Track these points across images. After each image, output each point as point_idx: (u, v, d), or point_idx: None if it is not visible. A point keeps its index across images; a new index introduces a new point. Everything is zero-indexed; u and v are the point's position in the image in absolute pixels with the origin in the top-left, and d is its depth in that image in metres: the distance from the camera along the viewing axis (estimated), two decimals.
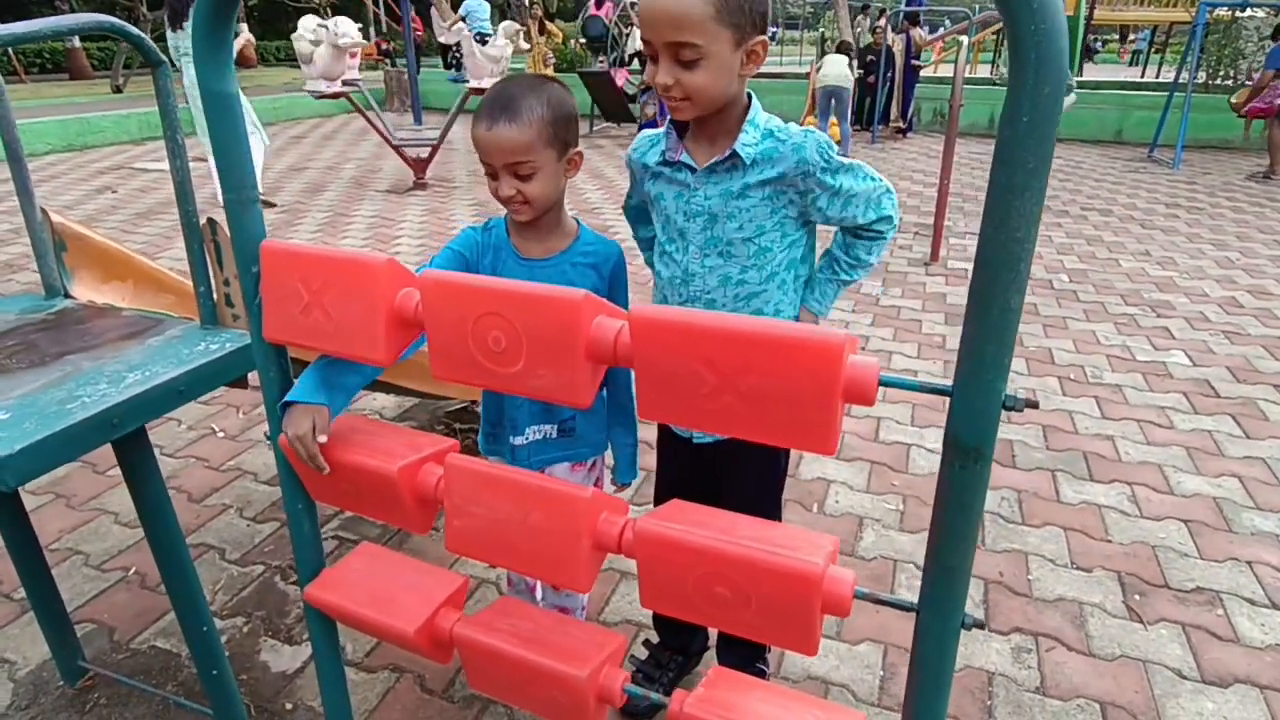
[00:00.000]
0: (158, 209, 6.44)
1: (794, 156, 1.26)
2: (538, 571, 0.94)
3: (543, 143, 1.28)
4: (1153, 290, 4.54)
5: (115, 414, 1.16)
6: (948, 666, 0.84)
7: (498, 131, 1.26)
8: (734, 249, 1.32)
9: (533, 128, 1.27)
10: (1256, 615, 1.98)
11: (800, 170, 1.26)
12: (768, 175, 1.27)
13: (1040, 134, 0.63)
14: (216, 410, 3.05)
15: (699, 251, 1.34)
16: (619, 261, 1.43)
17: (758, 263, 1.32)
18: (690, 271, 1.35)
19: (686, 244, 1.35)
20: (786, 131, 1.29)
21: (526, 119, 1.26)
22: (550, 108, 1.28)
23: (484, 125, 1.27)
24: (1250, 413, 3.05)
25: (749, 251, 1.32)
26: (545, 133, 1.28)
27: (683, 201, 1.33)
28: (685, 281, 1.36)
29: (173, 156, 1.35)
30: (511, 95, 1.28)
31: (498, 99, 1.28)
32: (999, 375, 0.71)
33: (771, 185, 1.28)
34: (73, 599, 1.99)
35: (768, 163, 1.27)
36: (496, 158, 1.28)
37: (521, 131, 1.26)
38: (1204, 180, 7.88)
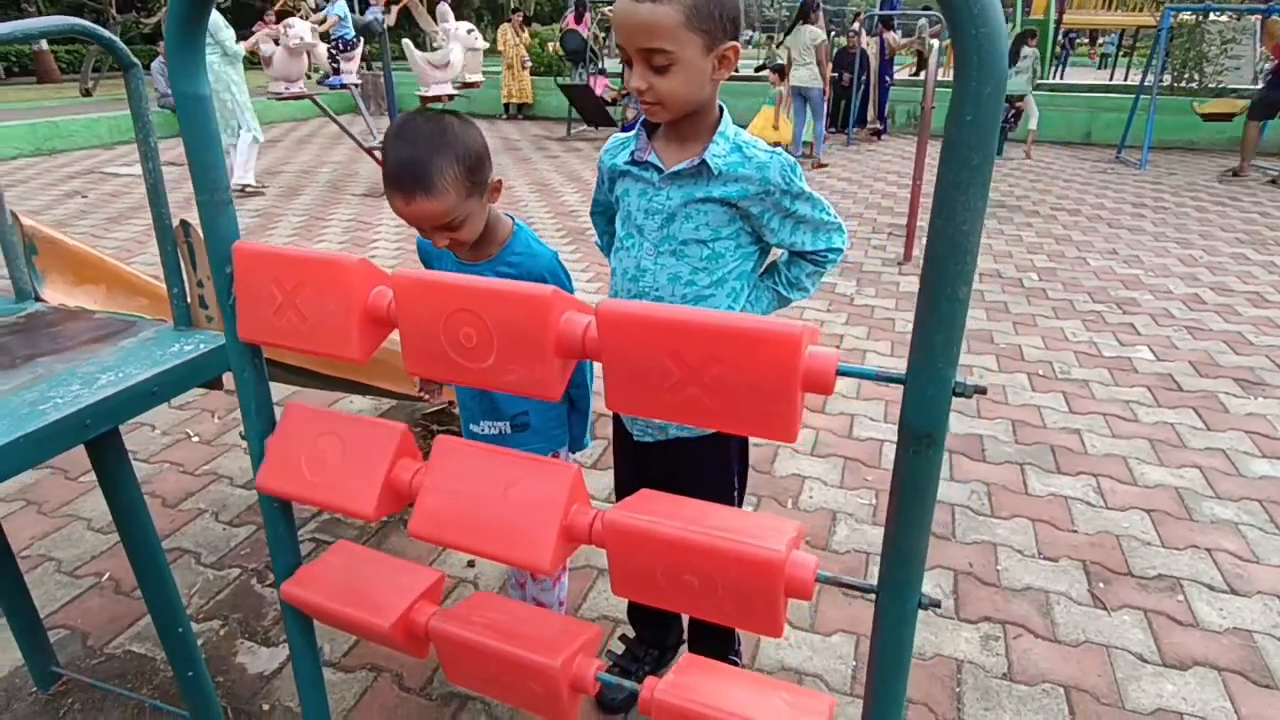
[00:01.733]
0: (129, 213, 6.36)
1: (758, 175, 1.28)
2: (505, 551, 0.96)
3: (461, 196, 1.30)
4: (1119, 288, 4.65)
5: (88, 415, 1.16)
6: (906, 645, 0.87)
7: (415, 207, 1.28)
8: (687, 249, 1.34)
9: (450, 192, 1.28)
10: (1215, 600, 2.04)
11: (762, 189, 1.29)
12: (730, 190, 1.29)
13: (983, 132, 0.66)
14: (191, 415, 3.03)
15: (653, 248, 1.36)
16: (541, 277, 1.43)
17: (708, 266, 1.34)
18: (642, 267, 1.37)
19: (642, 240, 1.37)
20: (754, 148, 1.31)
21: (441, 186, 1.27)
22: (459, 162, 1.28)
23: (400, 200, 1.28)
24: (1211, 405, 3.14)
25: (701, 254, 1.34)
26: (462, 189, 1.29)
27: (645, 199, 1.36)
28: (636, 277, 1.38)
29: (145, 159, 1.35)
30: (418, 163, 1.26)
31: (405, 169, 1.26)
32: (949, 363, 0.74)
33: (731, 203, 1.31)
34: (45, 605, 1.98)
35: (732, 177, 1.29)
36: (422, 224, 1.32)
37: (440, 199, 1.27)
38: (1169, 180, 8.06)
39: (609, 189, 1.46)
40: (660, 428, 1.48)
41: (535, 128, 11.94)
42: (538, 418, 1.56)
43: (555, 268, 1.49)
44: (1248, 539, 2.29)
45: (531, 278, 1.41)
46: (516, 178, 7.85)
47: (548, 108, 12.86)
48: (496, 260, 1.45)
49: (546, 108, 12.90)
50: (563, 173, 8.25)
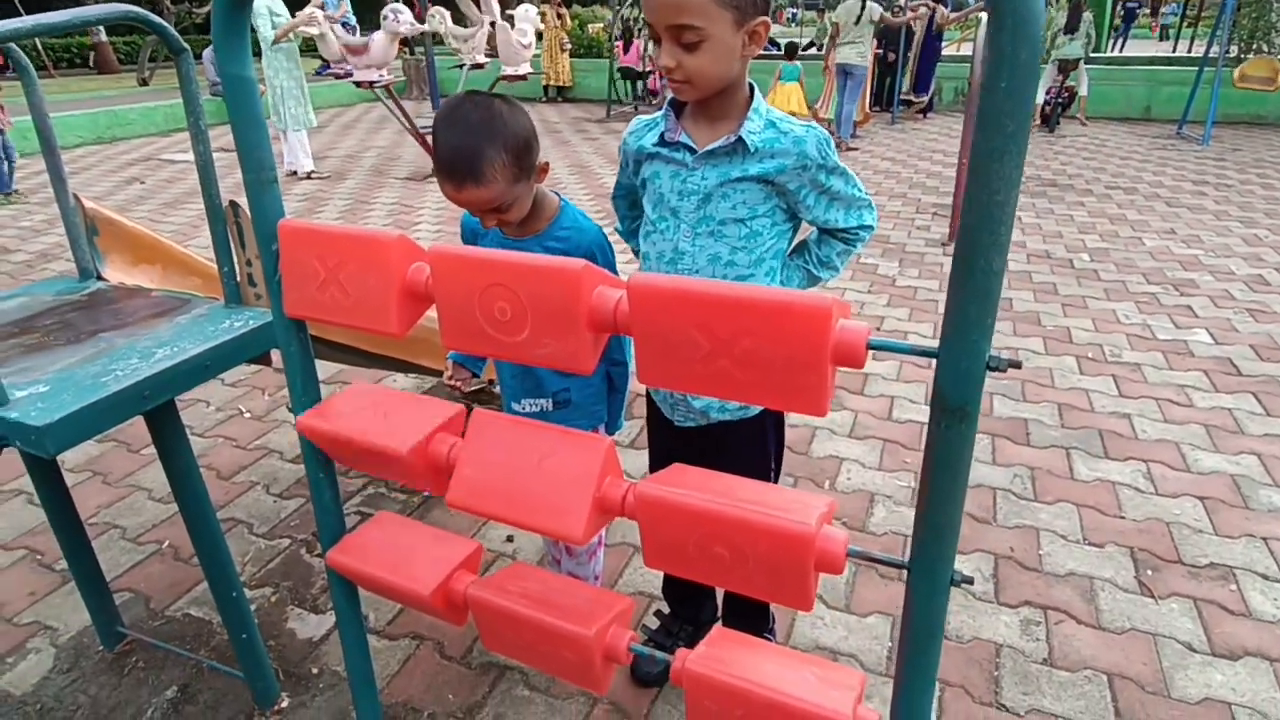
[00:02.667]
0: (184, 198, 6.57)
1: (795, 150, 1.27)
2: (538, 521, 0.98)
3: (510, 182, 1.33)
4: (1176, 268, 4.48)
5: (146, 387, 1.22)
6: (938, 622, 0.87)
7: (465, 195, 1.31)
8: (725, 229, 1.33)
9: (499, 180, 1.30)
10: (1270, 590, 1.98)
11: (799, 164, 1.28)
12: (767, 167, 1.28)
13: (1018, 98, 0.65)
14: (243, 393, 3.14)
15: (690, 230, 1.35)
16: (591, 253, 1.47)
17: (747, 245, 1.33)
18: (680, 250, 1.36)
19: (678, 222, 1.35)
20: (789, 124, 1.30)
21: (490, 175, 1.29)
22: (507, 150, 1.30)
23: (451, 188, 1.32)
24: (1273, 391, 3.02)
25: (740, 233, 1.33)
26: (510, 175, 1.32)
27: (678, 181, 1.34)
28: (674, 260, 1.37)
29: (196, 143, 1.40)
30: (469, 151, 1.28)
31: (457, 156, 1.29)
32: (983, 335, 0.73)
33: (769, 179, 1.29)
34: (110, 570, 2.08)
35: (768, 153, 1.28)
36: (472, 209, 1.37)
37: (490, 187, 1.30)
38: (1233, 157, 7.70)
39: (634, 172, 1.45)
40: (701, 411, 1.48)
41: (575, 110, 11.94)
42: (579, 394, 1.59)
43: (603, 242, 1.51)
44: None
45: (579, 252, 1.45)
46: (556, 160, 7.87)
47: (587, 89, 12.85)
48: (545, 235, 1.48)
49: (586, 89, 12.89)
50: (602, 155, 8.25)
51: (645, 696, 1.69)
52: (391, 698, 1.70)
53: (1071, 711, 1.64)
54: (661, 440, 1.62)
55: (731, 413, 1.47)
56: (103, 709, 1.68)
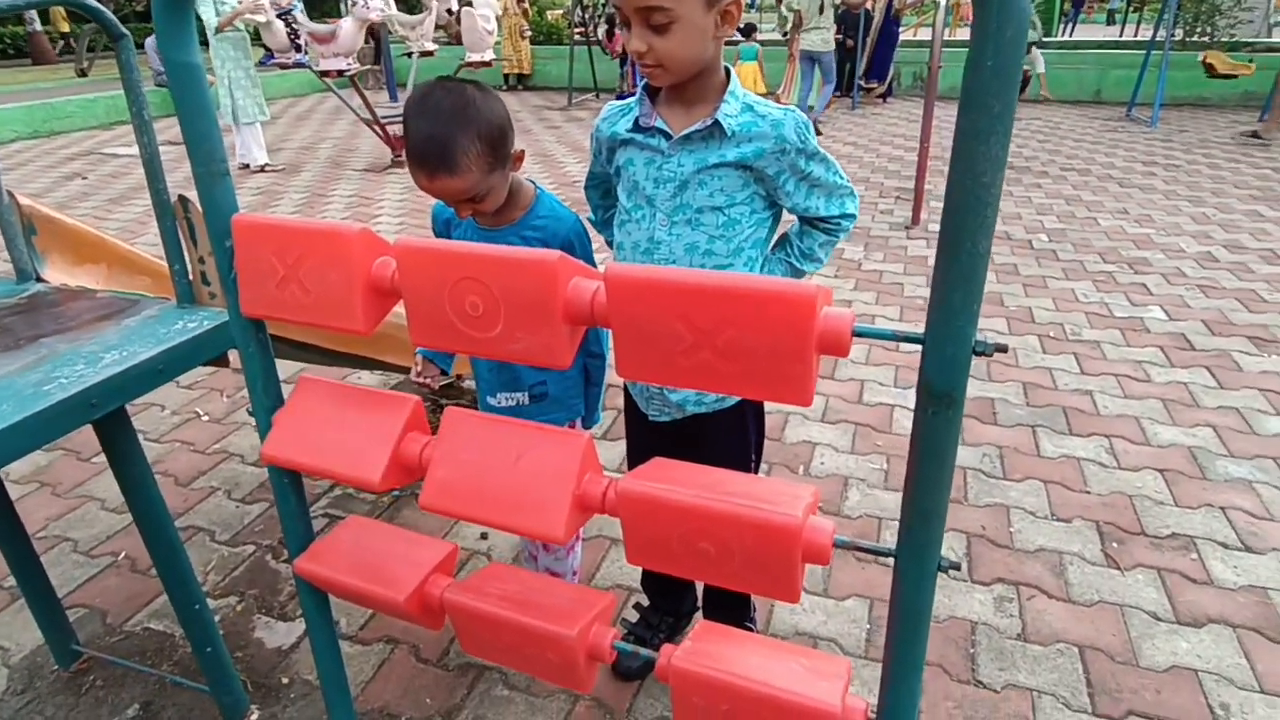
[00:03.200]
0: (129, 194, 6.33)
1: (774, 133, 1.24)
2: (517, 522, 0.95)
3: (484, 172, 1.29)
4: (1130, 247, 4.59)
5: (93, 395, 1.16)
6: (925, 608, 0.86)
7: (439, 184, 1.27)
8: (702, 217, 1.30)
9: (473, 169, 1.27)
10: (1229, 558, 2.03)
11: (778, 148, 1.25)
12: (745, 151, 1.25)
13: (1004, 78, 0.63)
14: (200, 395, 3.03)
15: (666, 219, 1.32)
16: (568, 240, 1.45)
17: (725, 234, 1.31)
18: (656, 239, 1.33)
19: (654, 210, 1.32)
20: (767, 107, 1.27)
21: (464, 164, 1.26)
22: (481, 138, 1.26)
23: (424, 178, 1.27)
24: (1225, 364, 3.11)
25: (717, 221, 1.30)
26: (485, 164, 1.28)
27: (653, 168, 1.31)
28: (650, 250, 1.34)
29: (140, 134, 1.33)
30: (442, 140, 1.24)
31: (429, 145, 1.24)
32: (969, 321, 0.72)
33: (747, 164, 1.27)
34: (63, 585, 2.00)
35: (745, 137, 1.25)
36: (446, 199, 1.33)
37: (464, 177, 1.27)
38: (1180, 138, 7.92)
39: (607, 159, 1.41)
40: (678, 405, 1.46)
41: (536, 98, 11.79)
42: (556, 388, 1.55)
43: (580, 230, 1.49)
44: (1262, 497, 2.28)
45: (557, 241, 1.43)
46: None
47: (548, 77, 12.69)
48: (521, 225, 1.44)
49: (546, 77, 12.73)
50: (565, 143, 8.16)
51: (627, 691, 1.67)
52: (367, 704, 1.66)
53: (1046, 684, 1.67)
54: (639, 435, 1.59)
55: (709, 405, 1.45)
56: None
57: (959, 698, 1.64)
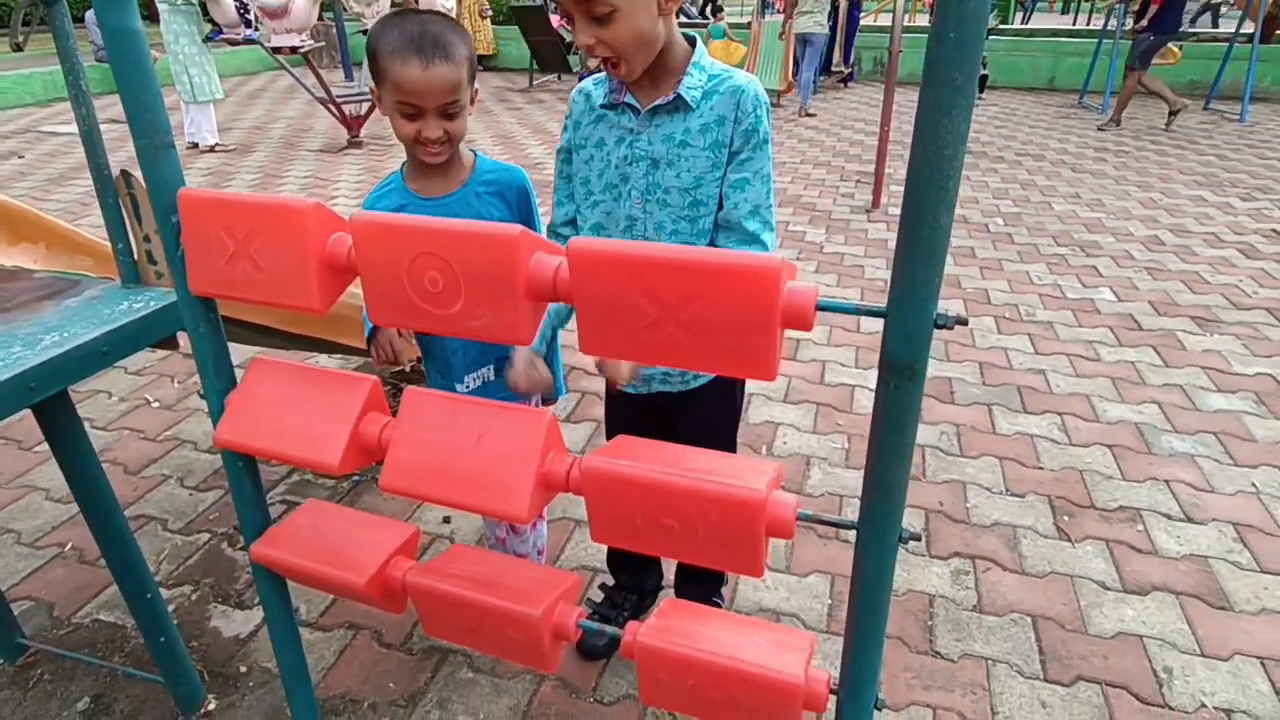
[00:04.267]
0: (70, 174, 6.07)
1: (733, 98, 1.24)
2: (480, 501, 0.94)
3: (467, 80, 1.31)
4: (1082, 231, 4.71)
5: (31, 378, 1.11)
6: (886, 580, 0.88)
7: (433, 73, 1.26)
8: (670, 198, 1.30)
9: (462, 65, 1.29)
10: (1173, 529, 2.11)
11: (735, 113, 1.24)
12: (708, 120, 1.25)
13: (967, 50, 0.64)
14: (149, 381, 2.94)
15: (641, 197, 1.31)
16: (522, 187, 1.47)
17: (691, 214, 1.30)
18: (633, 217, 1.33)
19: (629, 189, 1.32)
20: (731, 74, 1.27)
21: (458, 57, 1.27)
22: (466, 45, 1.31)
23: (417, 66, 1.25)
24: (1170, 343, 3.22)
25: (684, 202, 1.30)
26: (469, 70, 1.31)
27: (624, 146, 1.30)
28: (628, 228, 1.34)
29: (77, 105, 1.26)
30: (438, 33, 1.26)
31: (424, 38, 1.25)
32: (930, 295, 0.73)
33: (712, 139, 1.25)
34: (6, 578, 1.92)
35: (709, 105, 1.25)
36: (430, 99, 1.28)
37: (456, 70, 1.27)
38: (1129, 125, 8.13)
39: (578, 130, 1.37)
40: (644, 379, 1.45)
41: (496, 79, 11.59)
42: None
43: (527, 181, 1.50)
44: (1203, 470, 2.37)
45: (514, 189, 1.44)
46: (479, 131, 7.63)
47: (509, 58, 12.48)
48: (471, 183, 1.43)
49: (508, 58, 12.52)
50: (526, 125, 8.04)
51: (593, 670, 1.68)
52: (328, 691, 1.64)
53: (1000, 653, 1.72)
54: (618, 410, 1.58)
55: (675, 384, 1.45)
56: None
57: (917, 668, 1.68)
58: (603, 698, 1.62)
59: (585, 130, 1.35)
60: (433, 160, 1.36)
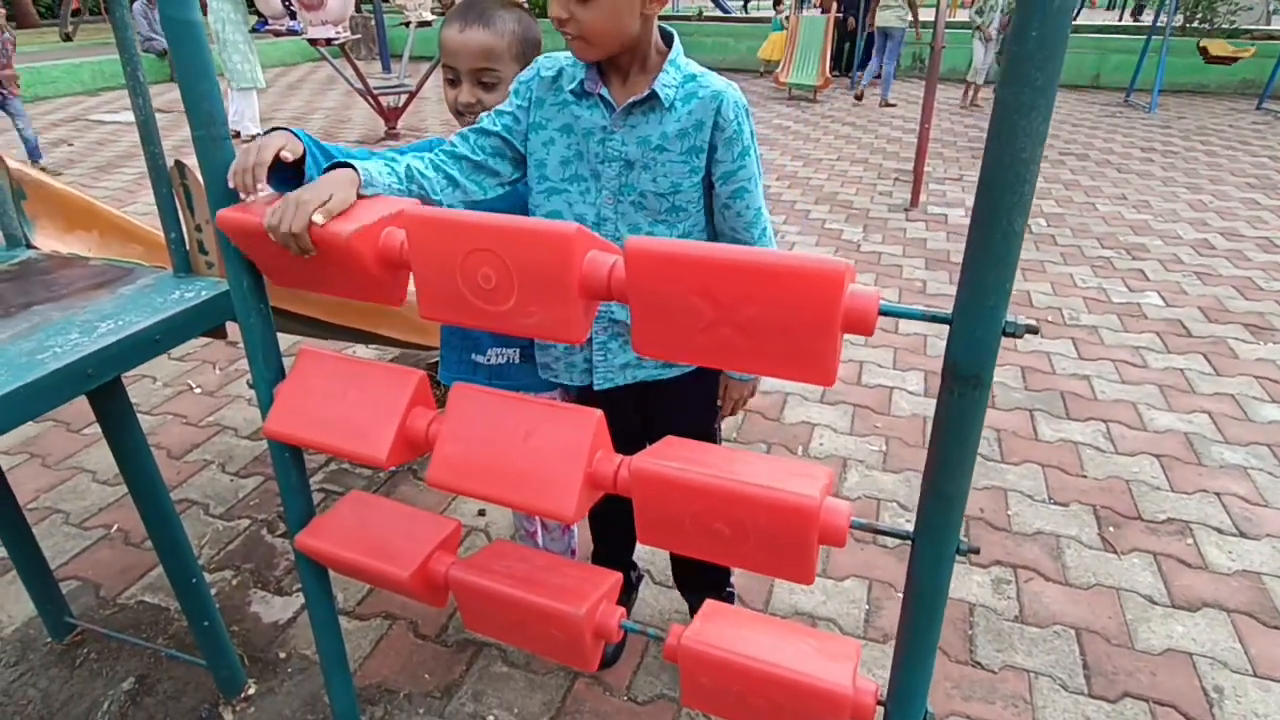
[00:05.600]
0: (117, 161, 6.21)
1: (712, 104, 1.19)
2: (526, 500, 0.93)
3: (510, 55, 1.32)
4: (1128, 233, 4.58)
5: (89, 364, 1.12)
6: (942, 592, 0.86)
7: (468, 35, 1.30)
8: (646, 201, 1.25)
9: (504, 38, 1.31)
10: (1224, 543, 2.05)
11: (715, 120, 1.20)
12: (685, 124, 1.20)
13: (1049, 49, 0.61)
14: (192, 367, 2.99)
15: (612, 196, 1.26)
16: None
17: (669, 219, 1.26)
18: (603, 215, 1.27)
19: (600, 187, 1.26)
20: (708, 79, 1.22)
21: (498, 28, 1.31)
22: (521, 25, 1.34)
23: (456, 28, 1.31)
24: (1221, 351, 3.12)
25: (662, 206, 1.25)
26: (514, 47, 1.32)
27: (597, 144, 1.24)
28: (597, 225, 1.28)
29: (134, 96, 1.28)
30: (487, 6, 1.31)
31: (473, 7, 1.31)
32: (1000, 301, 0.70)
33: (688, 144, 1.21)
34: (55, 557, 1.97)
35: (686, 108, 1.20)
36: (463, 61, 1.32)
37: (492, 37, 1.31)
38: (1179, 124, 7.90)
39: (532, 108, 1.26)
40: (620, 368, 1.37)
41: None
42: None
43: None
44: (1256, 483, 2.29)
45: None
46: None
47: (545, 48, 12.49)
48: None
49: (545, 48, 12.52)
50: None
51: (626, 669, 1.67)
52: (365, 680, 1.65)
53: (1043, 666, 1.68)
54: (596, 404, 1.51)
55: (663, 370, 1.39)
56: (55, 703, 1.59)
57: (957, 678, 1.65)
58: (636, 697, 1.61)
59: (548, 111, 1.26)
60: None
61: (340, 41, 6.61)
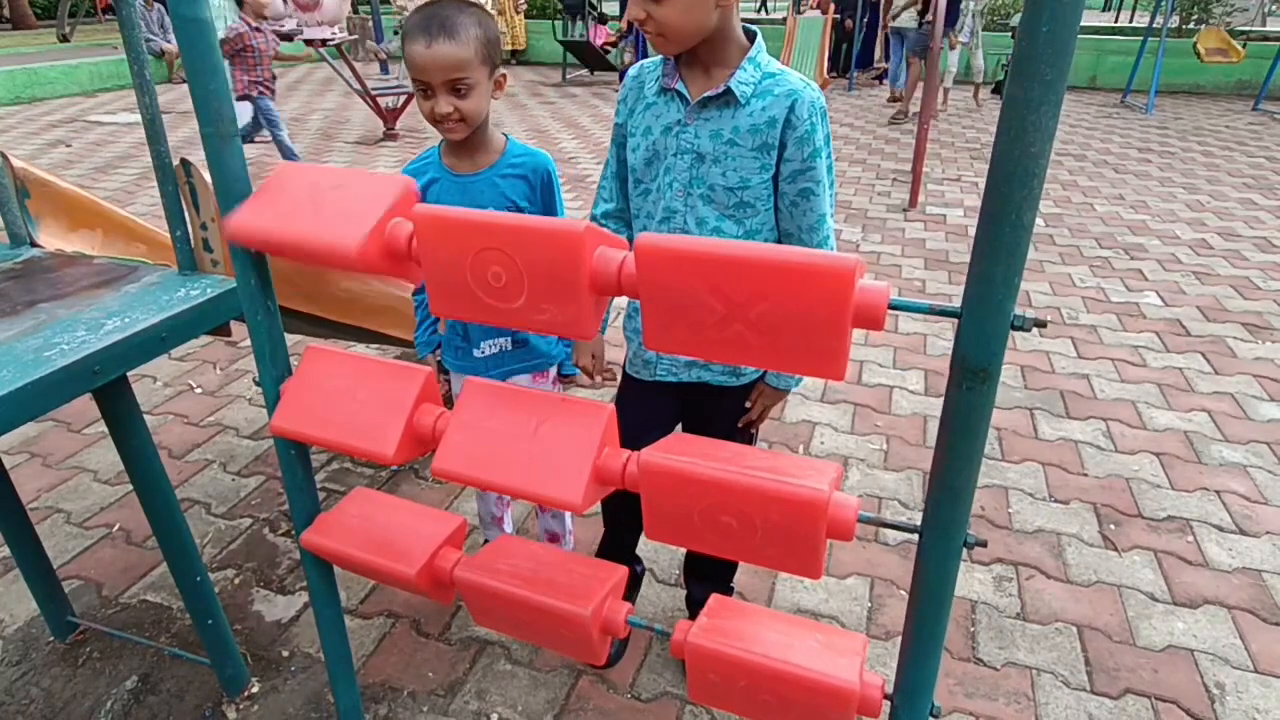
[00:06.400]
0: (116, 162, 6.20)
1: (786, 100, 1.22)
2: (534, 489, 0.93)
3: (478, 60, 1.33)
4: (1126, 233, 4.60)
5: (95, 362, 1.13)
6: (950, 586, 0.86)
7: (436, 49, 1.30)
8: (715, 195, 1.28)
9: (470, 46, 1.32)
10: (1224, 541, 2.06)
11: (787, 117, 1.22)
12: (758, 121, 1.23)
13: (1059, 45, 0.62)
14: (193, 367, 2.99)
15: (683, 189, 1.30)
16: (548, 173, 1.49)
17: (737, 215, 1.29)
18: (672, 209, 1.31)
19: (671, 180, 1.31)
20: (786, 76, 1.24)
21: (464, 37, 1.32)
22: (482, 28, 1.35)
23: (422, 44, 1.31)
24: (1219, 350, 3.13)
25: (730, 201, 1.28)
26: (480, 51, 1.34)
27: (672, 137, 1.29)
28: (666, 219, 1.33)
29: (141, 94, 1.28)
30: (446, 15, 1.31)
31: (433, 19, 1.31)
32: (1008, 295, 0.71)
33: (760, 141, 1.24)
34: (57, 556, 1.97)
35: (760, 104, 1.23)
36: (436, 75, 1.33)
37: (460, 48, 1.31)
38: (1175, 125, 7.93)
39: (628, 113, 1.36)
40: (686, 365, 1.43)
41: (529, 73, 11.63)
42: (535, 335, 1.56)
43: (553, 166, 1.52)
44: (1256, 481, 2.30)
45: (538, 174, 1.48)
46: (512, 125, 7.66)
47: (541, 52, 12.51)
48: (499, 165, 1.46)
49: (540, 52, 12.55)
50: (560, 119, 8.05)
51: (630, 666, 1.67)
52: (368, 678, 1.65)
53: (1044, 663, 1.69)
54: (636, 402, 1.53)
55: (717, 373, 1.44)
56: (58, 702, 1.59)
57: (960, 675, 1.66)
58: (640, 694, 1.61)
59: (638, 117, 1.34)
60: (451, 136, 1.40)
61: (335, 43, 6.61)
